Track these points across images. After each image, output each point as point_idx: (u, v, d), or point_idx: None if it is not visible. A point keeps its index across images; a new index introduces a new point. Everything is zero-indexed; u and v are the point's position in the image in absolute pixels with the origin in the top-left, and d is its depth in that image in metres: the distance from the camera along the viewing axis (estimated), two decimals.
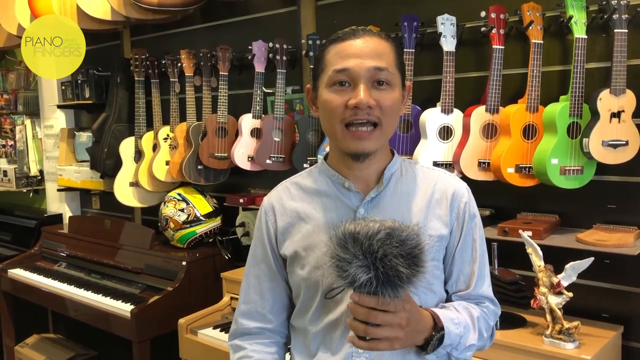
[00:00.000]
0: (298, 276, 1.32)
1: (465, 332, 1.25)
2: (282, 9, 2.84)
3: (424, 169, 1.38)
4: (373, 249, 1.04)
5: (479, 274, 1.34)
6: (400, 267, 1.04)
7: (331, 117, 1.24)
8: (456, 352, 1.25)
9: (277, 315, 1.41)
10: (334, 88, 1.23)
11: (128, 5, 2.97)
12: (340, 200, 1.31)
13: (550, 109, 1.98)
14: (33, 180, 4.10)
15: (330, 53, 1.25)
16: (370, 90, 1.21)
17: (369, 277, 1.04)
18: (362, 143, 1.23)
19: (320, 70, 1.28)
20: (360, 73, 1.21)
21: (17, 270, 3.35)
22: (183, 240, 2.92)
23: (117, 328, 2.73)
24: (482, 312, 1.32)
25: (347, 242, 1.06)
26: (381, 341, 1.10)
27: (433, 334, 1.20)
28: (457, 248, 1.33)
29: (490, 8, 2.08)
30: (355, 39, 1.24)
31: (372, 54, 1.22)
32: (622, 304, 2.03)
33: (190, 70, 2.99)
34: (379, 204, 1.30)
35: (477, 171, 2.14)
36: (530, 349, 1.85)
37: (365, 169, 1.30)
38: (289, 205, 1.36)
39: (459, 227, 1.32)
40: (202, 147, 2.85)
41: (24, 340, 3.47)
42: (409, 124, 2.29)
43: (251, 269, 1.43)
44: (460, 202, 1.32)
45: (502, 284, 1.99)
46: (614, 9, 1.86)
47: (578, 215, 2.10)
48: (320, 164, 1.38)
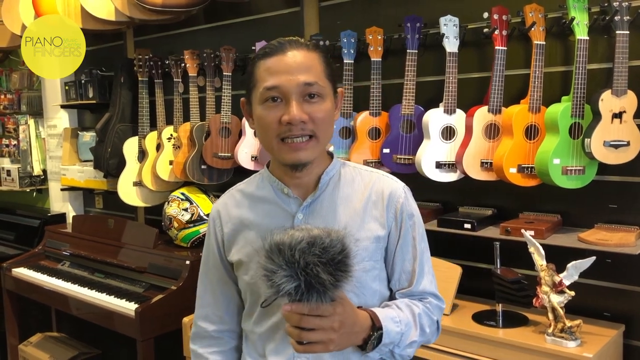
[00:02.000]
0: (243, 281, 1.36)
1: (407, 329, 1.28)
2: (285, 10, 2.86)
3: (363, 171, 1.40)
4: (295, 258, 1.08)
5: (420, 271, 1.37)
6: (321, 274, 1.08)
7: (267, 133, 1.26)
8: (398, 349, 1.28)
9: (233, 317, 1.45)
10: (267, 104, 1.25)
11: (132, 6, 2.99)
12: (279, 206, 1.34)
13: (553, 110, 1.99)
14: (36, 180, 4.11)
15: (260, 69, 1.26)
16: (302, 104, 1.23)
17: (294, 286, 1.08)
18: (298, 154, 1.25)
19: (252, 85, 1.29)
20: (291, 89, 1.22)
21: (21, 269, 3.36)
22: (187, 240, 2.94)
23: (122, 327, 2.74)
24: (425, 307, 1.35)
25: (272, 252, 1.10)
26: (316, 344, 1.14)
27: (371, 334, 1.22)
28: (396, 247, 1.35)
29: (493, 9, 2.10)
30: (284, 54, 1.25)
31: (301, 68, 1.23)
32: (623, 302, 2.05)
33: (193, 71, 3.01)
34: (315, 209, 1.33)
35: (479, 171, 2.15)
36: (532, 347, 1.87)
37: (304, 177, 1.33)
38: (234, 212, 1.39)
39: (396, 227, 1.35)
40: (205, 146, 2.87)
41: (27, 339, 3.48)
42: (412, 124, 2.31)
43: (204, 275, 1.47)
44: (397, 202, 1.35)
45: (505, 283, 2.01)
46: (615, 11, 1.88)
47: (579, 215, 2.12)
48: (264, 171, 1.41)
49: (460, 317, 2.11)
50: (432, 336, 1.37)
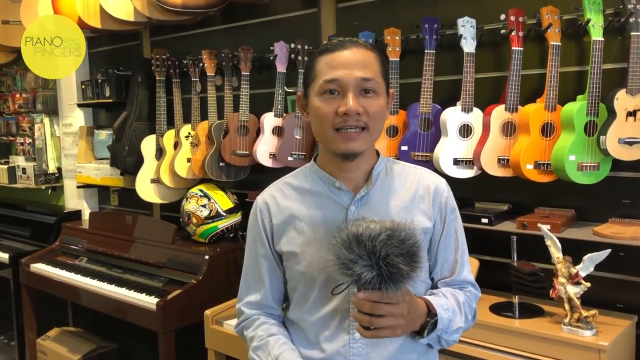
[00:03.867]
0: (295, 271, 1.42)
1: (454, 316, 1.37)
2: (302, 11, 2.92)
3: (406, 167, 1.48)
4: (376, 249, 1.17)
5: (461, 261, 1.46)
6: (401, 265, 1.17)
7: (322, 123, 1.34)
8: (446, 334, 1.37)
9: (279, 305, 1.52)
10: (325, 96, 1.33)
11: (151, 7, 3.04)
12: (332, 199, 1.41)
13: (568, 108, 2.06)
14: (51, 178, 4.17)
15: (320, 63, 1.35)
16: (357, 98, 1.31)
17: (373, 275, 1.17)
18: (350, 144, 1.32)
19: (310, 79, 1.37)
20: (349, 82, 1.30)
21: (39, 265, 3.41)
22: (205, 235, 3.00)
23: (143, 320, 2.80)
24: (466, 296, 1.44)
25: (351, 243, 1.18)
26: (384, 329, 1.23)
27: (428, 320, 1.32)
28: (440, 239, 1.44)
29: (510, 11, 2.17)
30: (344, 50, 1.33)
31: (359, 64, 1.32)
32: (636, 294, 2.11)
33: (211, 70, 3.07)
34: (368, 202, 1.40)
35: (496, 167, 2.22)
36: (549, 337, 1.93)
37: (354, 170, 1.40)
38: (283, 204, 1.45)
39: (441, 220, 1.44)
40: (224, 144, 2.94)
41: (45, 334, 3.54)
42: (430, 122, 2.38)
43: (251, 265, 1.51)
44: (441, 197, 1.44)
45: (522, 275, 2.08)
46: (630, 13, 1.95)
47: (594, 209, 2.19)
48: (311, 165, 1.48)
49: (478, 309, 2.16)
50: (471, 322, 1.47)
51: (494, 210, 2.29)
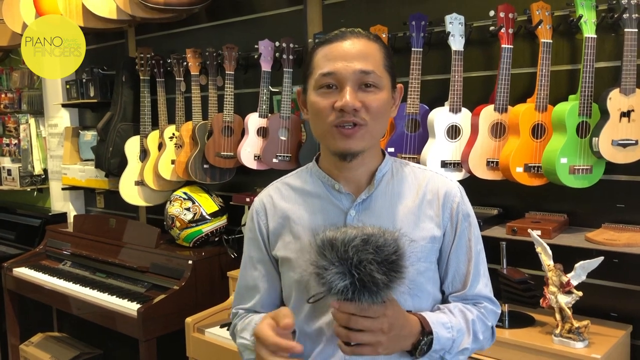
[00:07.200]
0: (290, 279, 1.32)
1: (459, 335, 1.24)
2: (288, 8, 2.84)
3: (416, 169, 1.37)
4: (348, 255, 1.05)
5: (475, 273, 1.33)
6: (375, 273, 1.05)
7: (319, 119, 1.24)
8: (449, 355, 1.24)
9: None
10: (321, 91, 1.23)
11: (134, 5, 2.97)
12: (331, 202, 1.31)
13: (560, 108, 1.98)
14: (37, 179, 4.10)
15: (318, 55, 1.26)
16: (356, 92, 1.21)
17: (346, 284, 1.06)
18: (348, 142, 1.22)
19: (308, 73, 1.28)
20: (347, 76, 1.21)
21: (22, 269, 3.34)
22: (189, 239, 2.93)
23: (124, 327, 2.73)
24: (480, 313, 1.31)
25: (324, 249, 1.07)
26: (364, 346, 1.11)
27: (421, 339, 1.19)
28: (451, 248, 1.32)
29: (499, 7, 2.08)
30: (343, 41, 1.23)
31: (358, 55, 1.22)
32: (631, 303, 2.03)
33: (196, 70, 2.99)
34: (369, 206, 1.29)
35: (485, 170, 2.14)
36: (540, 348, 1.85)
37: (355, 170, 1.30)
38: (280, 205, 1.36)
39: (452, 228, 1.32)
40: (208, 146, 2.86)
41: (28, 339, 3.47)
42: (417, 123, 2.29)
43: (248, 271, 1.42)
44: (452, 202, 1.32)
45: (511, 283, 1.99)
46: (624, 9, 1.87)
47: (587, 214, 2.10)
48: (312, 165, 1.38)
49: None
50: (486, 342, 1.34)
51: (483, 215, 2.21)
